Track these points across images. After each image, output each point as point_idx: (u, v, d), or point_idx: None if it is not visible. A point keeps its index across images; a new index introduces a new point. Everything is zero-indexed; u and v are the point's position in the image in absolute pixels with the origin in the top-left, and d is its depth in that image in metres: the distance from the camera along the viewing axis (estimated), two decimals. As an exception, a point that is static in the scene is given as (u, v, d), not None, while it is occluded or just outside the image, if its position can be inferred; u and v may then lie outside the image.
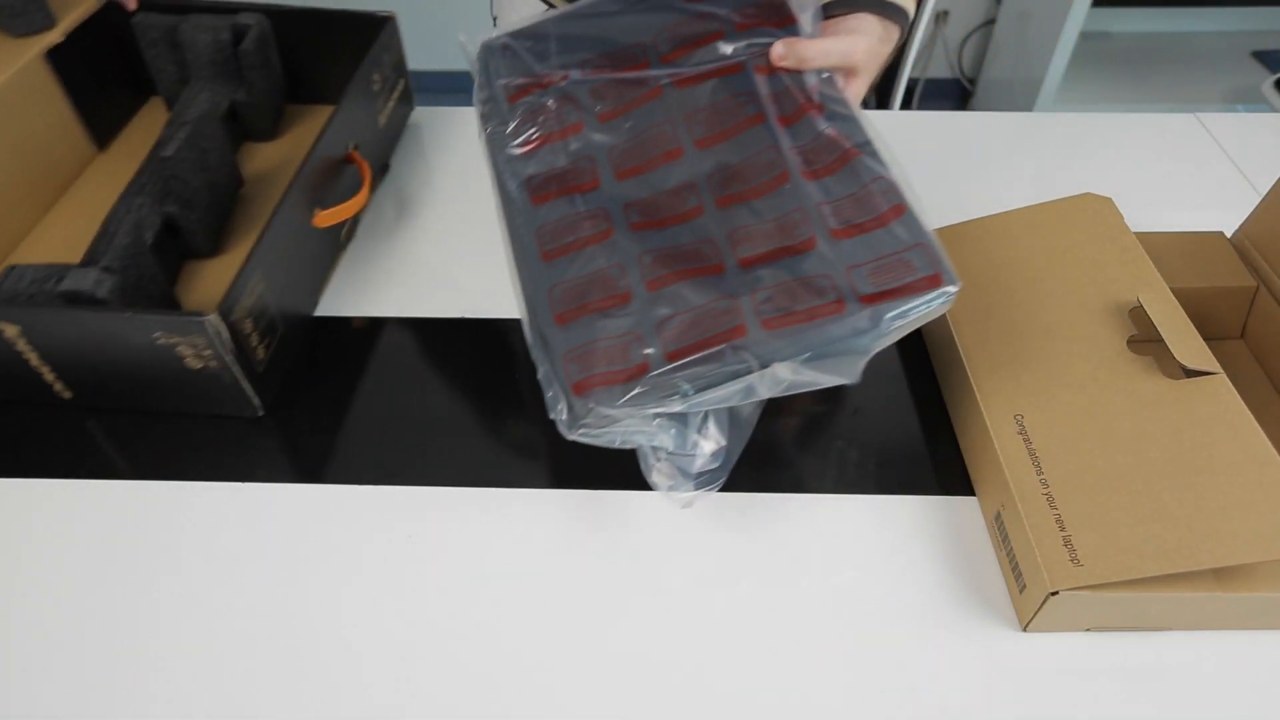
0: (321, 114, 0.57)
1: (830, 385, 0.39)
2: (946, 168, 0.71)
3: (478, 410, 0.52)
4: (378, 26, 0.67)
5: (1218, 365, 0.43)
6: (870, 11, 0.47)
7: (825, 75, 0.45)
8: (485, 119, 0.49)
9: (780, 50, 0.45)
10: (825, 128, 0.43)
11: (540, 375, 0.41)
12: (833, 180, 0.42)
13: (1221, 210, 0.61)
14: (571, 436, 0.40)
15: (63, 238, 0.62)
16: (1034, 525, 0.40)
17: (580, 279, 0.42)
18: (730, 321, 0.39)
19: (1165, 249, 0.53)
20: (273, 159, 0.69)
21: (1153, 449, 0.41)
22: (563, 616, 0.42)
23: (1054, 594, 0.38)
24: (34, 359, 0.48)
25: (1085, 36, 1.62)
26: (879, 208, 0.41)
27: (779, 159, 0.43)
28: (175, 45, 0.66)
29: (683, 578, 0.44)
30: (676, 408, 0.39)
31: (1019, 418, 0.44)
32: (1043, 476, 0.42)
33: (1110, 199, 0.53)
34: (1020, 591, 0.41)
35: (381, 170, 0.69)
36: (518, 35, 0.50)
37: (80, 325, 0.46)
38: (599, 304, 0.41)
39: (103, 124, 0.69)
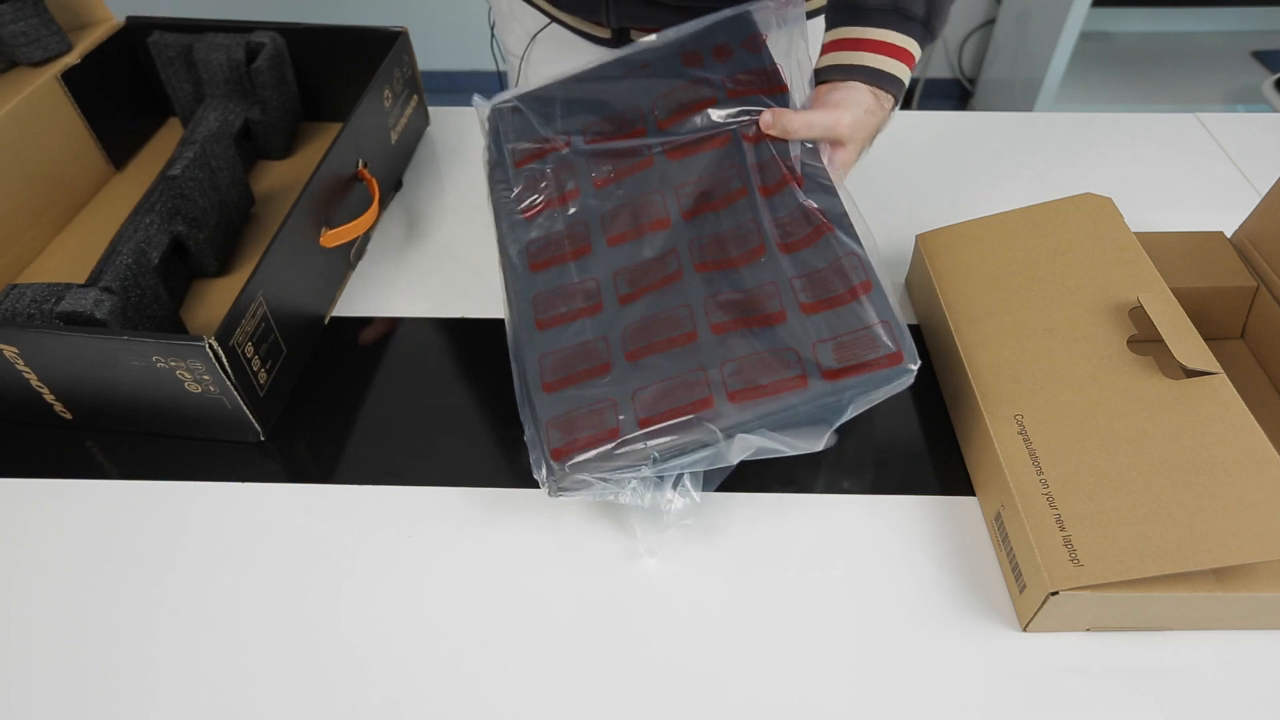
0: (338, 132, 0.58)
1: (797, 453, 0.41)
2: (946, 168, 0.71)
3: (480, 412, 0.53)
4: (389, 41, 0.68)
5: (1218, 365, 0.43)
6: (863, 80, 0.48)
7: (809, 145, 0.47)
8: (492, 181, 0.53)
9: (768, 119, 0.47)
10: (804, 200, 0.46)
11: (526, 438, 0.44)
12: (807, 253, 0.44)
13: (1221, 210, 0.62)
14: (552, 496, 0.43)
15: (75, 257, 0.63)
16: (1034, 525, 0.41)
17: (569, 350, 0.45)
18: (699, 393, 0.42)
19: (1165, 249, 0.53)
20: (286, 177, 0.70)
21: (1153, 449, 0.42)
22: (564, 616, 0.43)
23: (1054, 594, 0.38)
24: (34, 379, 0.48)
25: (1085, 36, 1.62)
26: (848, 283, 0.43)
27: (758, 232, 0.46)
28: (190, 64, 0.67)
29: (683, 577, 0.44)
30: (646, 472, 0.41)
31: (1019, 418, 0.45)
32: (1043, 476, 0.42)
33: (1110, 199, 0.54)
34: (1020, 591, 0.42)
35: (394, 187, 0.70)
36: (526, 99, 0.54)
37: (78, 347, 0.46)
38: (583, 375, 0.44)
39: (119, 144, 0.70)
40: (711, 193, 0.48)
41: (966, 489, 0.48)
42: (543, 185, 0.51)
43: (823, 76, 0.49)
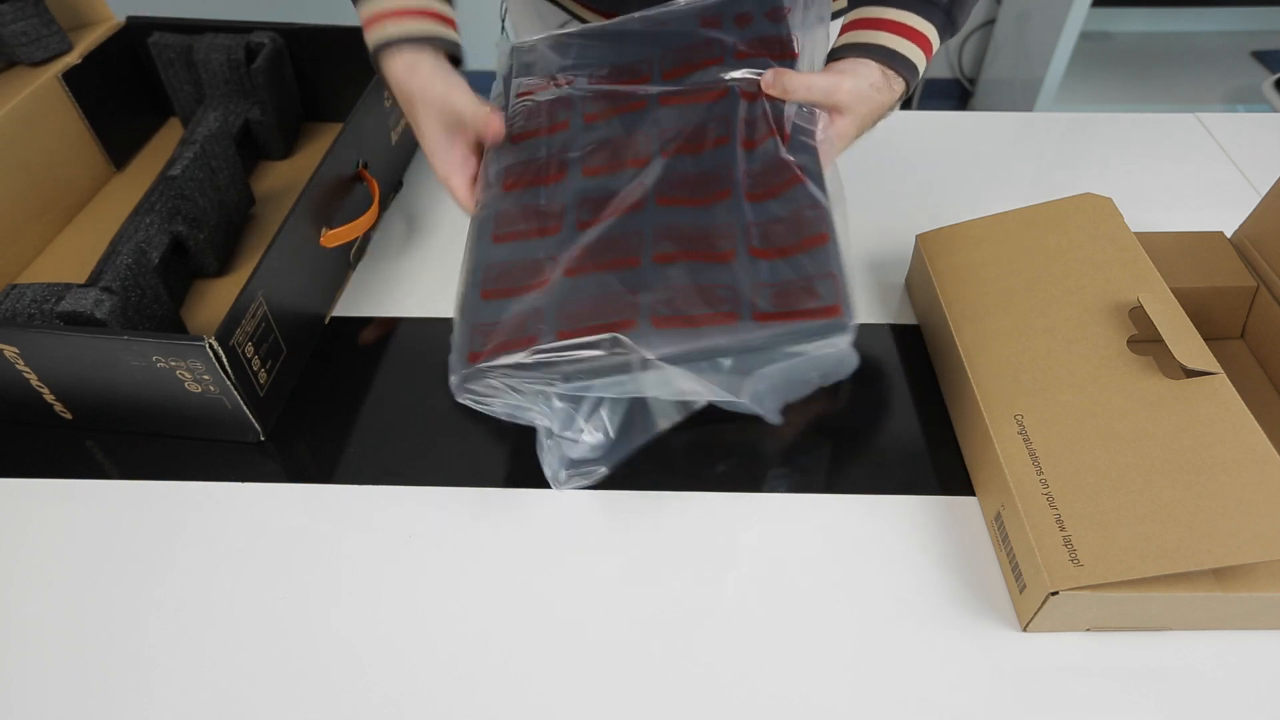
0: (338, 132, 0.58)
1: (716, 399, 0.40)
2: (946, 168, 0.71)
3: (480, 412, 0.53)
4: (387, 42, 0.68)
5: (1218, 365, 0.43)
6: (875, 59, 0.48)
7: (805, 109, 0.47)
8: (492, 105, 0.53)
9: (769, 78, 0.47)
10: (783, 154, 0.45)
11: (453, 339, 0.43)
12: (772, 203, 0.44)
13: (1221, 210, 0.62)
14: (459, 399, 0.41)
15: (76, 257, 0.63)
16: (1034, 525, 0.41)
17: (516, 263, 0.44)
18: (624, 314, 0.40)
19: (1165, 249, 0.53)
20: (287, 177, 0.70)
21: (1153, 449, 0.42)
22: (565, 616, 0.43)
23: (1054, 594, 0.38)
24: (34, 379, 0.48)
25: (1085, 36, 1.62)
26: (802, 234, 0.42)
27: (728, 177, 0.45)
28: (190, 65, 0.67)
29: (684, 577, 0.44)
30: (557, 388, 0.40)
31: (1019, 418, 0.45)
32: (1043, 476, 0.42)
33: (1110, 199, 0.54)
34: (1020, 591, 0.42)
35: (394, 187, 0.70)
36: (544, 41, 0.55)
37: (78, 347, 0.46)
38: (522, 289, 0.43)
39: (120, 144, 0.70)
40: (695, 138, 0.47)
41: (966, 489, 0.48)
42: (536, 115, 0.51)
43: (837, 54, 0.49)
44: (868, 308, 0.60)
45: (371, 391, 0.54)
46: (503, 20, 0.82)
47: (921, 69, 0.49)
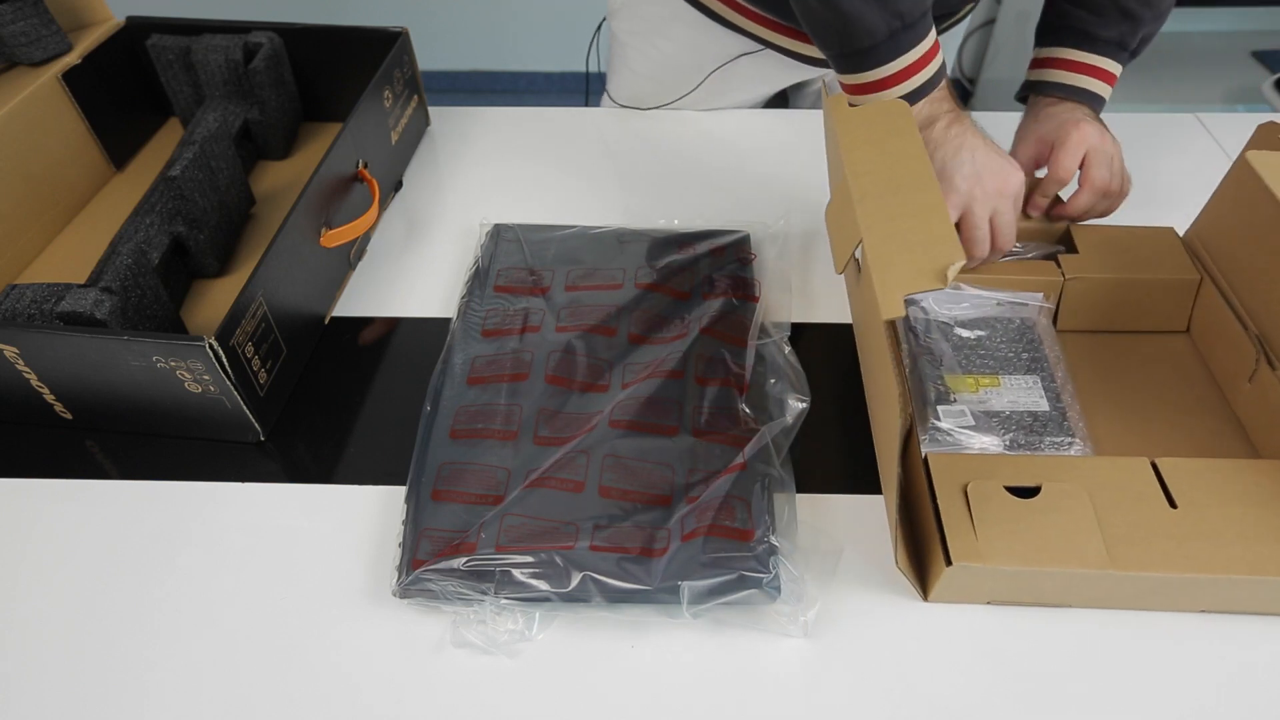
0: (338, 132, 0.58)
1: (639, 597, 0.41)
2: (946, 171, 0.71)
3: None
4: (390, 41, 0.68)
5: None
6: (1078, 101, 0.60)
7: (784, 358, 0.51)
8: (469, 290, 0.57)
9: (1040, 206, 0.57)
10: (736, 403, 0.49)
11: (401, 525, 0.44)
12: (714, 448, 0.46)
13: (1221, 210, 0.61)
14: (395, 596, 0.42)
15: (75, 257, 0.63)
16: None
17: (471, 468, 0.46)
18: (564, 540, 0.42)
19: (1114, 241, 0.53)
20: (286, 177, 0.70)
21: None
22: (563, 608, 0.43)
23: (950, 565, 0.39)
24: (34, 379, 0.48)
25: (1086, 36, 1.62)
26: (731, 517, 0.43)
27: (679, 414, 0.48)
28: (189, 66, 0.67)
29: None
30: (488, 602, 0.41)
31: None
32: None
33: None
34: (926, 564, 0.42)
35: (394, 187, 0.70)
36: (527, 229, 0.61)
37: (78, 347, 0.45)
38: (473, 498, 0.45)
39: (120, 144, 0.70)
40: (654, 369, 0.50)
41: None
42: (509, 313, 0.55)
43: (1038, 90, 0.59)
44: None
45: (371, 391, 0.54)
46: (599, 28, 0.80)
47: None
